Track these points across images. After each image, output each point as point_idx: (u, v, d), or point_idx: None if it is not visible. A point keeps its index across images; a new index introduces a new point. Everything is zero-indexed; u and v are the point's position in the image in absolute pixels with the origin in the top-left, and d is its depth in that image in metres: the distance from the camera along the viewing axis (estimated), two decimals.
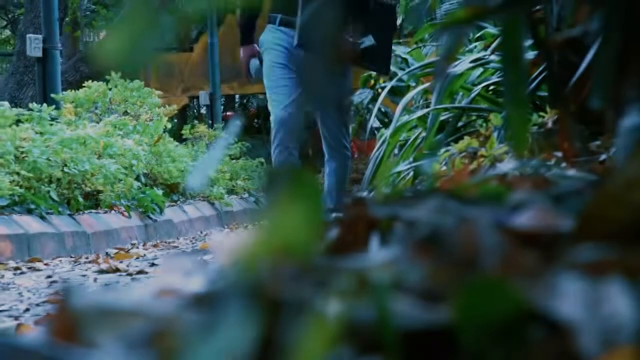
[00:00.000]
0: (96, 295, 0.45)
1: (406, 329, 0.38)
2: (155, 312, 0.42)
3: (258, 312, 0.38)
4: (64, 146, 6.02)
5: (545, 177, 1.05)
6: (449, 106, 4.04)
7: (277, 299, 0.39)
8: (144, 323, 0.41)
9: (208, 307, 0.41)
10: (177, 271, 0.51)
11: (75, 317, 0.43)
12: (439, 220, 0.48)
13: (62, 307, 0.44)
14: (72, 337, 0.43)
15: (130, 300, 0.44)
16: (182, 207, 8.15)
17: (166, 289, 0.47)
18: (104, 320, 0.42)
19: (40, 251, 5.14)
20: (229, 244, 0.60)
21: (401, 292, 0.40)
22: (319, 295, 0.39)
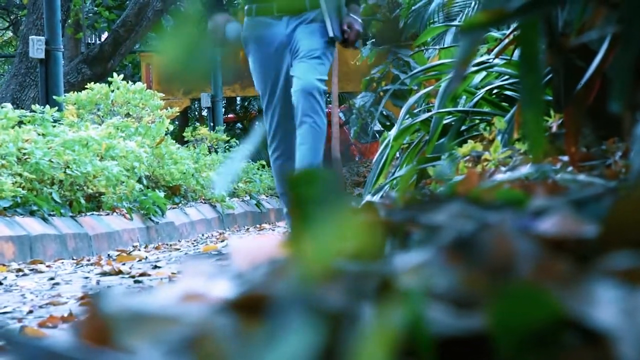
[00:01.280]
0: (126, 299, 0.45)
1: (440, 335, 0.38)
2: (189, 317, 0.41)
3: (319, 321, 0.37)
4: (66, 148, 6.02)
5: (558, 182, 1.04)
6: (453, 110, 4.04)
7: (333, 308, 0.38)
8: (180, 328, 0.40)
9: (248, 313, 0.40)
10: (199, 275, 0.51)
11: (107, 321, 0.42)
12: (462, 226, 0.48)
13: (93, 311, 0.44)
14: (104, 341, 0.42)
15: (160, 305, 0.44)
16: (184, 209, 8.15)
17: (191, 294, 0.46)
18: (137, 325, 0.42)
19: (42, 253, 5.14)
20: (248, 248, 0.59)
21: (434, 298, 0.40)
22: (368, 303, 0.39)
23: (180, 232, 7.49)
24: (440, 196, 0.58)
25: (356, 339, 0.37)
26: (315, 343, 0.36)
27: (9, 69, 16.64)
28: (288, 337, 0.36)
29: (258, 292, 0.41)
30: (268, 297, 0.41)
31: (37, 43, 7.94)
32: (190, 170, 8.55)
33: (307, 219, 0.47)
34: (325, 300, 0.38)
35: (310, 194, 0.47)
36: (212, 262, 0.56)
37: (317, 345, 0.36)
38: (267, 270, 0.46)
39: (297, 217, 0.48)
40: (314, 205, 0.47)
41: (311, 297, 0.39)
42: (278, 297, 0.39)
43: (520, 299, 0.38)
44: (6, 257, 4.76)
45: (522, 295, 0.38)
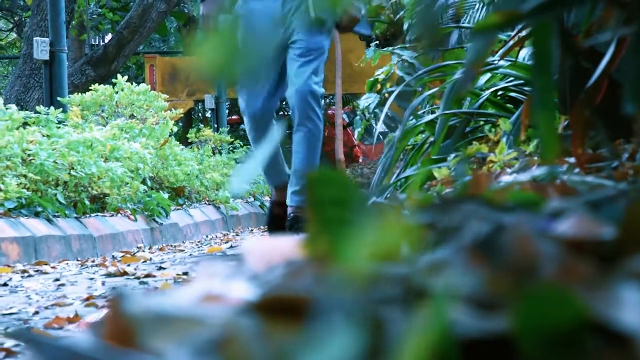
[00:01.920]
0: (147, 300, 0.45)
1: (465, 337, 0.38)
2: (212, 319, 0.41)
3: (359, 324, 0.37)
4: (70, 149, 6.03)
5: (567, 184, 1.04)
6: (458, 111, 4.04)
7: (371, 311, 0.38)
8: (205, 329, 0.40)
9: (272, 314, 0.40)
10: (214, 276, 0.51)
11: (130, 322, 0.42)
12: (480, 227, 0.48)
13: (115, 311, 0.44)
14: (127, 342, 0.42)
15: (182, 306, 0.44)
16: (188, 210, 8.16)
17: (210, 295, 0.46)
18: (161, 326, 0.41)
19: (47, 254, 5.14)
20: (263, 249, 0.59)
21: (458, 299, 0.40)
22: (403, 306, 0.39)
23: (184, 233, 7.50)
24: (454, 198, 0.58)
25: (395, 343, 0.37)
26: (358, 346, 0.36)
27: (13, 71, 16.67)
28: (329, 340, 0.36)
29: (282, 294, 0.42)
30: (293, 298, 0.41)
31: (41, 44, 7.96)
32: (194, 171, 8.55)
33: (324, 220, 0.47)
34: (363, 303, 0.38)
35: (328, 195, 0.47)
36: (227, 263, 0.56)
37: (359, 348, 0.36)
38: (285, 272, 0.46)
39: (315, 219, 0.48)
40: (332, 206, 0.47)
41: (350, 299, 0.39)
42: (315, 299, 0.39)
43: (545, 300, 0.38)
44: (11, 258, 4.76)
45: (547, 296, 0.38)
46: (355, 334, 0.36)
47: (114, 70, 12.51)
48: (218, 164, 9.93)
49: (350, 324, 0.37)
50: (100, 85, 8.78)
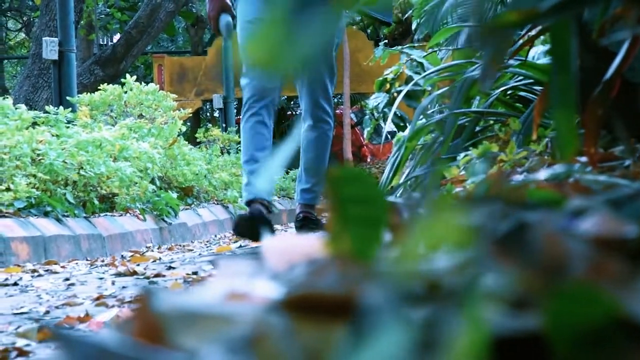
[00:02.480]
0: (174, 297, 0.45)
1: (495, 335, 0.38)
2: (241, 317, 0.41)
3: (410, 323, 0.37)
4: (80, 149, 6.04)
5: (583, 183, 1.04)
6: (468, 110, 4.04)
7: (421, 310, 0.38)
8: (236, 328, 0.40)
9: (301, 312, 0.40)
10: (235, 275, 0.51)
11: (159, 320, 0.42)
12: (504, 226, 0.47)
13: (143, 308, 0.44)
14: (156, 339, 0.42)
15: (209, 304, 0.43)
16: (196, 210, 8.16)
17: (235, 293, 0.46)
18: (190, 324, 0.41)
19: (57, 254, 5.15)
20: (282, 248, 0.59)
21: (487, 298, 0.40)
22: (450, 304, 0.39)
23: (192, 233, 7.50)
24: (475, 196, 0.58)
25: (442, 341, 0.37)
26: (407, 344, 0.36)
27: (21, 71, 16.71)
28: (377, 338, 0.36)
29: (311, 292, 0.41)
30: (322, 296, 0.40)
31: (50, 44, 7.97)
32: (202, 171, 8.56)
33: (346, 218, 0.47)
34: (406, 302, 0.38)
35: (350, 193, 0.47)
36: (247, 262, 0.56)
37: (409, 346, 0.36)
38: (308, 270, 0.46)
39: (337, 217, 0.48)
40: (353, 204, 0.47)
41: (392, 297, 0.39)
42: (357, 297, 0.39)
43: (576, 298, 0.38)
44: (21, 258, 4.77)
45: (578, 294, 0.38)
46: (404, 332, 0.36)
47: (122, 70, 12.53)
48: (226, 164, 9.94)
49: (397, 322, 0.36)
50: (109, 85, 8.80)
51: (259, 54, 0.48)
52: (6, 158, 5.31)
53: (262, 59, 0.48)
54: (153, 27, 12.65)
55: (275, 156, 0.60)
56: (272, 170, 0.59)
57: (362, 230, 0.48)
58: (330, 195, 0.48)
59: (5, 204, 5.08)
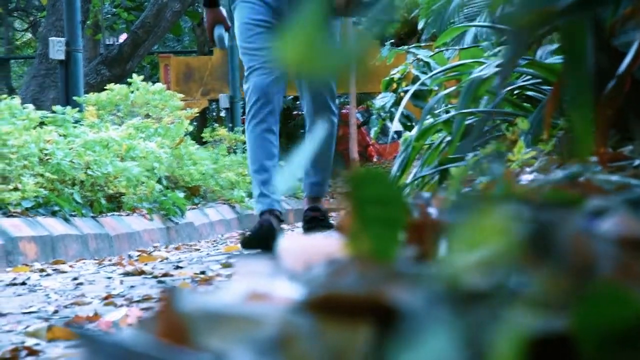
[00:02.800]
0: (197, 297, 0.45)
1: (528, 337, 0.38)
2: (267, 317, 0.41)
3: (457, 325, 0.37)
4: (87, 148, 6.05)
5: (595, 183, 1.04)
6: (475, 110, 4.04)
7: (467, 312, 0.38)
8: (262, 329, 0.40)
9: (327, 314, 0.40)
10: (253, 275, 0.51)
11: (183, 320, 0.42)
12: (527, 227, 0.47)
13: (167, 308, 0.44)
14: (181, 340, 0.42)
15: (234, 304, 0.44)
16: (203, 210, 8.17)
17: (256, 293, 0.46)
18: (216, 325, 0.41)
19: (64, 253, 5.16)
20: (299, 248, 0.59)
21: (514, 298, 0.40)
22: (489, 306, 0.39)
23: (199, 232, 7.51)
24: (492, 197, 0.58)
25: (487, 343, 0.37)
26: (454, 348, 0.36)
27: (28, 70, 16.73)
28: (422, 341, 0.36)
29: (335, 293, 0.41)
30: (345, 296, 0.41)
31: (57, 44, 7.98)
32: (209, 171, 8.57)
33: (366, 219, 0.47)
34: (453, 305, 0.38)
35: (370, 193, 0.47)
36: (265, 262, 0.56)
37: (455, 350, 0.36)
38: (329, 271, 0.46)
39: (357, 218, 0.48)
40: (373, 205, 0.47)
41: (440, 301, 0.39)
42: (397, 300, 0.39)
43: (605, 299, 0.38)
44: (29, 257, 4.78)
45: (606, 295, 0.38)
46: (450, 335, 0.36)
47: (128, 70, 12.54)
48: (233, 164, 9.94)
49: (442, 325, 0.37)
50: (116, 85, 8.81)
51: (293, 54, 0.48)
52: (14, 158, 5.32)
53: (296, 60, 0.48)
54: (159, 27, 12.67)
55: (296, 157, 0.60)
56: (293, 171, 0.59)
57: (381, 230, 0.48)
58: (349, 196, 0.48)
59: (13, 203, 5.09)
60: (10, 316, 2.69)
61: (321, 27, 0.49)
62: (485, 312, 0.37)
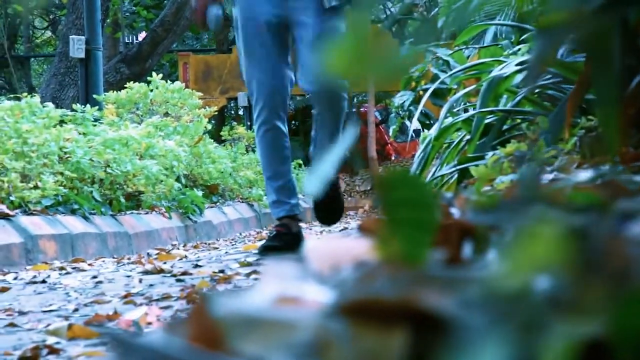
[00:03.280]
0: (233, 301, 0.44)
1: None
2: (301, 322, 0.41)
3: (511, 335, 0.37)
4: (106, 147, 6.07)
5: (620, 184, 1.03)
6: (495, 109, 4.02)
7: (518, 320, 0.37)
8: (297, 333, 0.40)
9: (362, 318, 0.40)
10: (280, 278, 0.50)
11: (217, 324, 0.42)
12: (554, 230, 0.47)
13: (200, 312, 0.43)
14: (214, 344, 0.42)
15: (267, 308, 0.43)
16: (222, 208, 8.18)
17: (286, 297, 0.46)
18: (251, 329, 0.41)
19: (84, 251, 5.18)
20: (326, 250, 0.59)
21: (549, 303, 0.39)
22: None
23: (218, 231, 7.52)
24: (520, 199, 0.57)
25: (538, 352, 0.36)
26: (509, 356, 0.36)
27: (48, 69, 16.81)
28: (474, 349, 0.36)
29: (369, 297, 0.41)
30: (380, 301, 0.40)
31: (77, 43, 8.01)
32: (227, 169, 8.58)
33: (397, 222, 0.46)
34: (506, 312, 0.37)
35: (401, 196, 0.46)
36: (291, 265, 0.56)
37: (513, 356, 0.36)
38: (359, 274, 0.46)
39: (388, 220, 0.47)
40: (404, 208, 0.46)
41: (491, 309, 0.38)
42: (444, 306, 0.38)
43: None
44: (48, 256, 4.80)
45: None
46: (501, 343, 0.36)
47: (148, 68, 12.58)
48: (251, 162, 9.95)
49: (491, 333, 0.36)
50: (135, 83, 8.83)
51: (339, 63, 0.47)
52: (34, 156, 5.34)
53: (341, 69, 0.47)
54: (179, 25, 12.69)
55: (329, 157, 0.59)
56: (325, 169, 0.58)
57: (412, 233, 0.47)
58: (380, 198, 0.47)
59: (33, 201, 5.11)
60: (30, 314, 2.70)
61: (369, 39, 0.48)
62: (528, 318, 0.37)
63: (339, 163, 0.62)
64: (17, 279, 3.94)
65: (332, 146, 4.85)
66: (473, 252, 0.62)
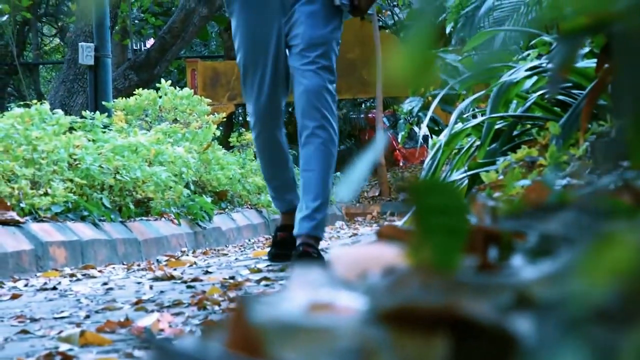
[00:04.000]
0: (272, 308, 0.44)
1: None
2: (341, 329, 0.40)
3: (583, 346, 0.36)
4: (116, 153, 6.07)
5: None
6: (506, 115, 4.02)
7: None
8: (338, 341, 0.39)
9: (402, 325, 0.39)
10: (309, 284, 0.50)
11: (256, 331, 0.41)
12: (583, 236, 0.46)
13: (239, 318, 0.43)
14: (253, 351, 0.41)
15: (305, 315, 0.43)
16: (230, 214, 8.18)
17: (318, 304, 0.45)
18: (290, 336, 0.41)
19: (94, 258, 5.18)
20: (352, 257, 0.58)
21: (591, 313, 0.39)
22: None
23: (227, 237, 7.52)
24: (547, 205, 0.57)
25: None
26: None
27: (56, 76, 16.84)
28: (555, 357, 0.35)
29: (409, 304, 0.41)
30: (420, 308, 0.40)
31: (86, 50, 8.03)
32: (236, 175, 8.58)
33: (430, 228, 0.46)
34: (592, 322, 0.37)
35: (433, 203, 0.46)
36: (317, 271, 0.55)
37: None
38: (391, 281, 0.45)
39: (420, 227, 0.47)
40: (437, 215, 0.46)
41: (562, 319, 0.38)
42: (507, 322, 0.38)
43: None
44: (59, 262, 4.80)
45: None
46: (581, 355, 0.35)
47: (156, 75, 12.60)
48: (260, 168, 9.94)
49: (570, 347, 0.36)
50: (144, 90, 8.85)
51: (405, 70, 0.47)
52: (44, 163, 5.35)
53: (407, 76, 0.47)
54: (187, 32, 12.71)
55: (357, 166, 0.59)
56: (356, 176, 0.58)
57: (444, 239, 0.47)
58: (412, 205, 0.47)
59: (43, 208, 5.12)
60: (42, 321, 2.70)
61: (431, 46, 0.48)
62: (604, 331, 0.36)
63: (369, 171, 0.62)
64: (27, 285, 3.94)
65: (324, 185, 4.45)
66: (498, 258, 0.61)
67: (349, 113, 16.74)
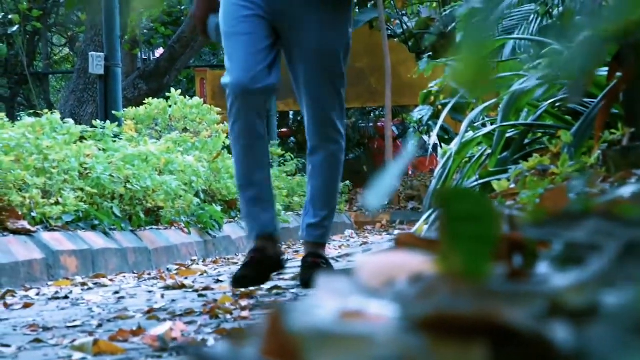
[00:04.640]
0: (308, 315, 0.44)
1: None
2: (378, 337, 0.40)
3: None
4: (126, 163, 6.09)
5: None
6: (517, 123, 4.02)
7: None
8: (377, 348, 0.39)
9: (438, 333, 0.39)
10: (336, 292, 0.50)
11: (292, 338, 0.41)
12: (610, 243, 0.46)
13: (275, 326, 0.43)
14: (289, 358, 0.41)
15: (340, 323, 0.43)
16: (240, 223, 8.18)
17: (349, 311, 0.45)
18: (328, 344, 0.41)
19: (104, 267, 5.19)
20: (377, 265, 0.59)
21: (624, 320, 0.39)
22: None
23: (237, 246, 7.52)
24: (573, 213, 0.57)
25: None
26: None
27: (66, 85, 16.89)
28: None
29: (446, 312, 0.41)
30: (457, 316, 0.40)
31: (96, 59, 8.06)
32: None
33: (458, 236, 0.46)
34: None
35: (462, 211, 0.46)
36: (343, 279, 0.56)
37: None
38: (419, 288, 0.45)
39: (449, 235, 0.47)
40: (466, 222, 0.46)
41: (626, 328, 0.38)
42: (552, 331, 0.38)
43: None
44: (70, 271, 4.81)
45: None
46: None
47: (165, 84, 12.63)
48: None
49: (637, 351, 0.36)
50: (154, 99, 8.87)
51: (464, 76, 0.47)
52: (55, 172, 5.36)
53: (466, 81, 0.47)
54: (196, 41, 12.74)
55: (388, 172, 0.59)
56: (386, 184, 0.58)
57: (473, 247, 0.47)
58: (441, 213, 0.47)
59: (54, 217, 5.13)
60: (55, 330, 2.71)
61: (487, 51, 0.48)
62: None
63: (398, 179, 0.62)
64: (39, 294, 3.95)
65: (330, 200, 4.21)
66: (522, 266, 0.61)
67: (358, 122, 16.74)
